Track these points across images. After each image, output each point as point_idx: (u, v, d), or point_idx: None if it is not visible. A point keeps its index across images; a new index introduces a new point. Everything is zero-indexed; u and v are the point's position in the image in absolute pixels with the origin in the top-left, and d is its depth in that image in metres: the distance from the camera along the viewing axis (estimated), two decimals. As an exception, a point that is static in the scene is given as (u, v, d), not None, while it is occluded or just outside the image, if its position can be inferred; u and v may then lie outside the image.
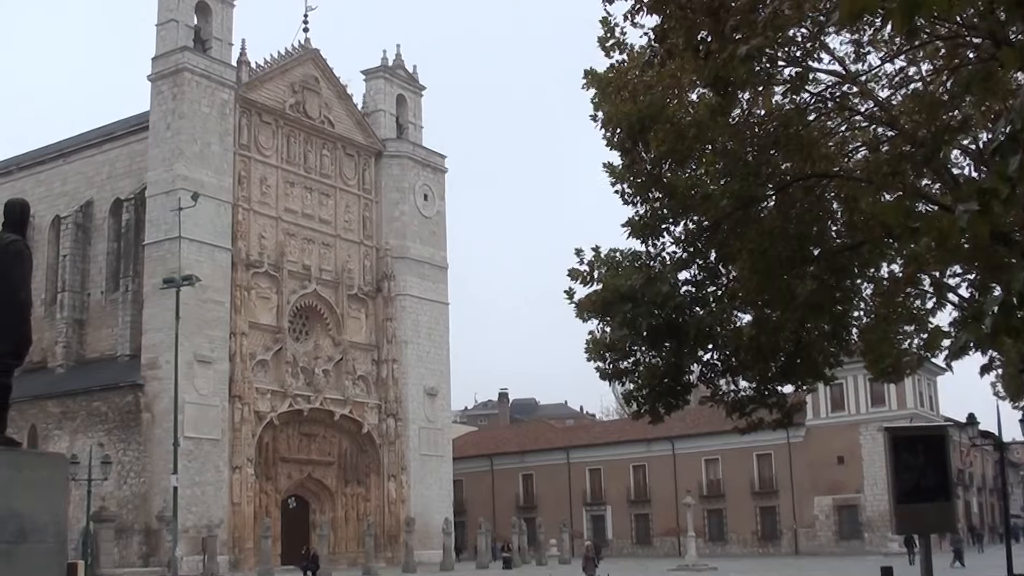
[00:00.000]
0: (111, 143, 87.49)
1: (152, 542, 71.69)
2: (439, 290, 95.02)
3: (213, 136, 78.82)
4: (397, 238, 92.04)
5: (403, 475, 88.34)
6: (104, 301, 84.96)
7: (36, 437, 76.42)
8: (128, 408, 74.89)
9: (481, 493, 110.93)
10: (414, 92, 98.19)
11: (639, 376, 22.78)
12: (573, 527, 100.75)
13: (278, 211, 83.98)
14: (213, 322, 76.27)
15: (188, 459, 70.35)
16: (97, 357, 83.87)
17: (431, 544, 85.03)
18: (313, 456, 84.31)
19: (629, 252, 21.88)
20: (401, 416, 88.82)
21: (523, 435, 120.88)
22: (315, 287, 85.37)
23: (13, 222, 13.94)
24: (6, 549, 11.95)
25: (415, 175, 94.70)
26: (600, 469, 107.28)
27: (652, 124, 19.49)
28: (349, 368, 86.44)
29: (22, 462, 12.66)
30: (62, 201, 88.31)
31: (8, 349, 13.43)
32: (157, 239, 76.26)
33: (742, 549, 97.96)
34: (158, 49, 79.67)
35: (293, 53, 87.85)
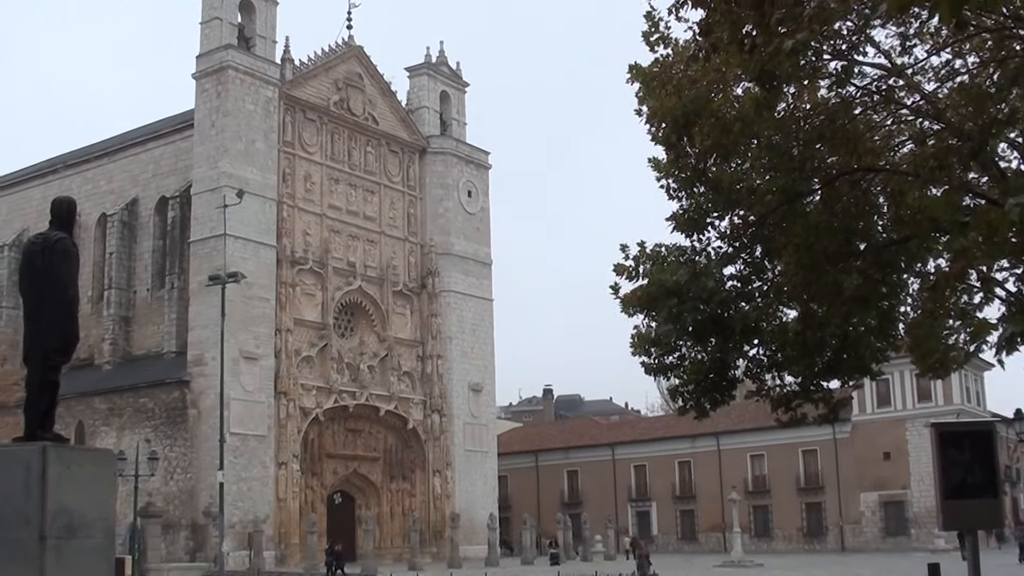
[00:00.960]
0: (156, 141, 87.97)
1: (199, 537, 72.02)
2: (483, 286, 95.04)
3: (258, 133, 79.09)
4: (441, 234, 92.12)
5: (448, 471, 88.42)
6: (150, 298, 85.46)
7: (83, 433, 76.91)
8: (174, 404, 75.25)
9: (526, 489, 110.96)
10: (457, 89, 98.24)
11: (684, 371, 22.73)
12: (618, 523, 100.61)
13: (323, 208, 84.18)
14: (258, 319, 76.57)
15: (234, 455, 70.68)
16: (143, 354, 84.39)
17: (476, 540, 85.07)
18: (358, 452, 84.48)
19: (674, 247, 21.82)
20: (446, 412, 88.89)
21: (568, 431, 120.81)
22: (360, 283, 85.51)
23: (60, 220, 14.04)
24: (56, 544, 12.05)
25: (459, 171, 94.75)
26: (645, 465, 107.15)
27: (697, 118, 19.44)
28: (394, 364, 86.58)
29: (71, 458, 12.74)
30: (108, 199, 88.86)
31: (56, 346, 13.54)
32: (202, 236, 76.59)
33: (788, 545, 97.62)
34: (202, 47, 79.98)
35: (337, 50, 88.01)
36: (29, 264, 13.82)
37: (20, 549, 12.08)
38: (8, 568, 12.11)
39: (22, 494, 12.22)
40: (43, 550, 12.01)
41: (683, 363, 22.66)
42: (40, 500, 12.11)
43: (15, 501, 12.23)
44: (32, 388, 13.71)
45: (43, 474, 12.19)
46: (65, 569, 12.18)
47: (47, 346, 13.55)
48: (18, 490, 12.26)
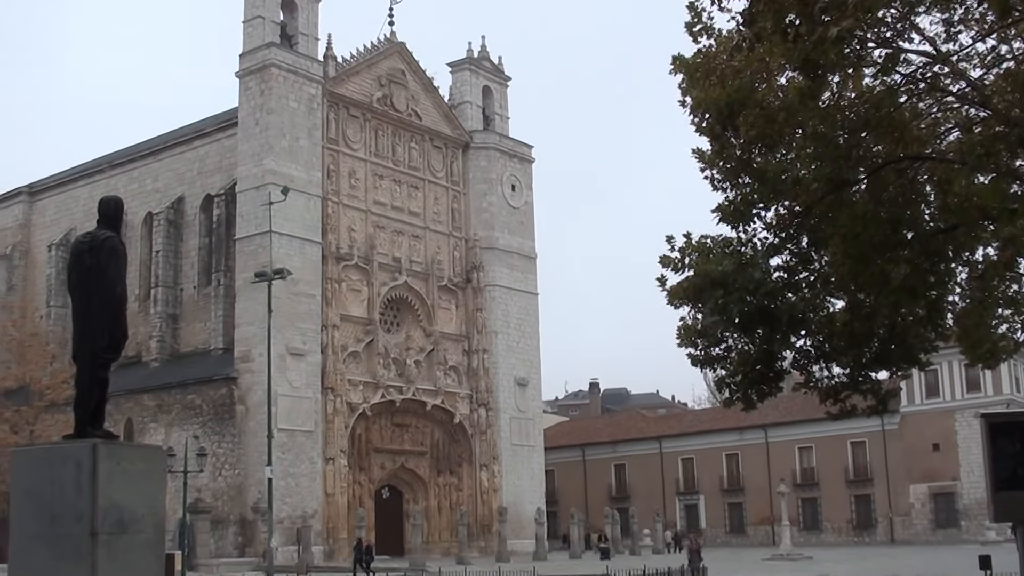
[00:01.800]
0: (201, 140, 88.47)
1: (247, 533, 72.38)
2: (528, 280, 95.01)
3: (301, 131, 79.36)
4: (485, 229, 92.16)
5: (495, 465, 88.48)
6: (196, 296, 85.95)
7: (132, 430, 77.40)
8: (222, 401, 75.64)
9: (573, 483, 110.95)
10: (500, 83, 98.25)
11: (731, 363, 22.67)
12: (666, 517, 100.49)
13: (367, 204, 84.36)
14: (305, 315, 76.84)
15: (282, 451, 71.01)
16: (191, 351, 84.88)
17: (524, 534, 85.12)
18: (406, 446, 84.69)
19: (720, 238, 21.76)
20: (492, 406, 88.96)
21: (615, 425, 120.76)
22: (405, 279, 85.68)
23: (108, 219, 14.13)
24: (107, 540, 12.13)
25: (502, 166, 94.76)
26: (693, 458, 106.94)
27: (741, 109, 19.37)
28: (440, 359, 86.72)
29: (121, 455, 12.82)
30: (154, 198, 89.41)
31: (105, 344, 13.62)
32: (248, 234, 76.92)
33: (837, 538, 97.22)
34: (245, 46, 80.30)
35: (379, 47, 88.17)
36: (77, 263, 13.91)
37: (72, 545, 12.17)
38: (60, 563, 12.21)
39: (73, 490, 12.31)
40: (94, 546, 12.09)
41: (730, 354, 22.61)
42: (91, 496, 12.19)
43: (67, 497, 12.33)
44: (82, 386, 13.79)
45: (94, 471, 12.27)
46: (116, 564, 12.26)
47: (96, 344, 13.63)
48: (69, 487, 12.35)
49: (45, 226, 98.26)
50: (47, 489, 12.60)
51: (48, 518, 12.49)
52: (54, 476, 12.60)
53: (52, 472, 12.65)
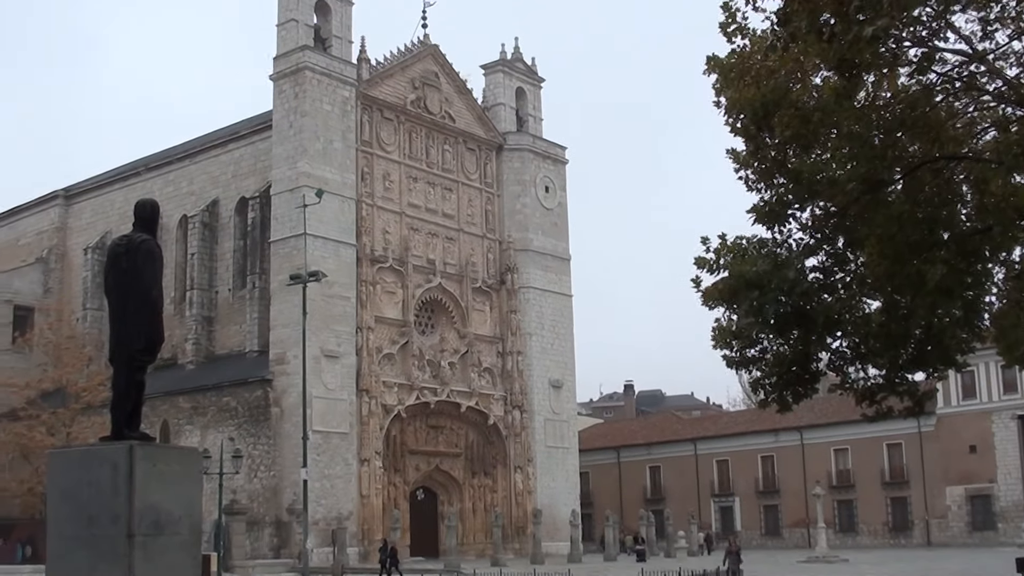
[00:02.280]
0: (235, 143, 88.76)
1: (283, 534, 72.57)
2: (562, 282, 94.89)
3: (335, 133, 79.53)
4: (519, 231, 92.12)
5: (529, 467, 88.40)
6: (232, 298, 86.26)
7: (168, 432, 77.69)
8: (257, 403, 75.86)
9: (608, 485, 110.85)
10: (533, 84, 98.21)
11: (766, 364, 22.64)
12: (701, 519, 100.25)
13: (401, 206, 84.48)
14: (339, 317, 77.00)
15: (317, 452, 71.13)
16: (226, 353, 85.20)
17: (558, 536, 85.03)
18: (440, 448, 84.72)
19: (755, 239, 21.73)
20: (526, 408, 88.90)
21: (650, 427, 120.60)
22: (440, 281, 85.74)
23: (144, 221, 14.17)
24: (143, 541, 12.19)
25: (536, 167, 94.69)
26: (728, 460, 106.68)
27: (776, 109, 19.33)
28: (474, 360, 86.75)
29: (157, 457, 12.87)
30: (189, 200, 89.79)
31: (142, 346, 13.67)
32: (283, 236, 77.14)
33: (873, 540, 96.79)
34: (279, 49, 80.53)
35: (412, 49, 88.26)
36: (114, 266, 13.95)
37: (109, 546, 12.23)
38: (98, 564, 12.27)
39: (110, 492, 12.37)
40: (131, 547, 12.15)
41: (765, 356, 22.58)
42: (128, 498, 12.25)
43: (104, 499, 12.38)
44: (118, 388, 13.84)
45: (130, 472, 12.32)
46: (152, 565, 12.32)
47: (133, 346, 13.67)
48: (106, 488, 12.41)
49: (81, 229, 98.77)
50: (84, 491, 12.66)
51: (85, 519, 12.56)
52: (91, 478, 12.66)
53: (89, 474, 12.71)
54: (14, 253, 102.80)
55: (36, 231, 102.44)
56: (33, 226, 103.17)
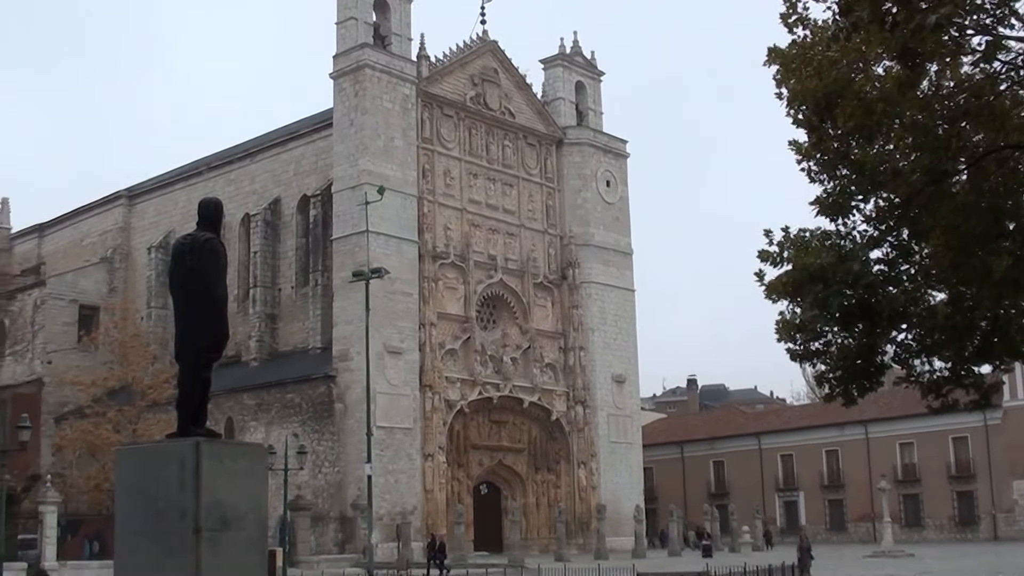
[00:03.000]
0: (296, 141, 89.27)
1: (347, 529, 72.90)
2: (624, 276, 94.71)
3: (396, 131, 79.79)
4: (581, 225, 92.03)
5: (593, 462, 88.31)
6: (295, 295, 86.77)
7: (232, 429, 78.22)
8: (321, 399, 76.24)
9: (671, 480, 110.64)
10: (593, 78, 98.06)
11: (831, 357, 22.51)
12: (766, 513, 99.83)
13: (462, 202, 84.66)
14: (402, 313, 77.26)
15: (381, 448, 71.37)
16: (289, 350, 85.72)
17: (622, 531, 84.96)
18: (503, 443, 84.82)
19: (819, 231, 21.61)
20: (589, 403, 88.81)
21: (713, 421, 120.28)
22: (501, 276, 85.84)
23: (208, 220, 14.25)
24: (210, 536, 12.28)
25: (596, 161, 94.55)
26: (792, 454, 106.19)
27: (838, 100, 19.18)
28: (537, 356, 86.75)
29: (223, 453, 12.97)
30: (251, 199, 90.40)
31: (207, 344, 13.76)
32: (345, 233, 77.51)
33: (939, 535, 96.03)
34: (339, 47, 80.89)
35: (471, 45, 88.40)
36: (178, 264, 14.03)
37: (177, 541, 12.33)
38: (166, 559, 12.38)
39: (177, 488, 12.47)
40: (198, 542, 12.24)
41: (829, 349, 22.45)
42: (195, 494, 12.34)
43: (171, 495, 12.49)
44: (184, 385, 13.94)
45: (197, 469, 12.41)
46: (219, 560, 12.41)
47: (198, 344, 13.76)
48: (173, 484, 12.51)
49: (144, 229, 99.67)
50: (152, 486, 12.77)
51: (153, 515, 12.67)
52: (158, 474, 12.77)
53: (156, 470, 12.82)
54: (79, 253, 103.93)
55: (100, 231, 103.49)
56: (97, 226, 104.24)
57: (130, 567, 12.94)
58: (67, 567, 52.98)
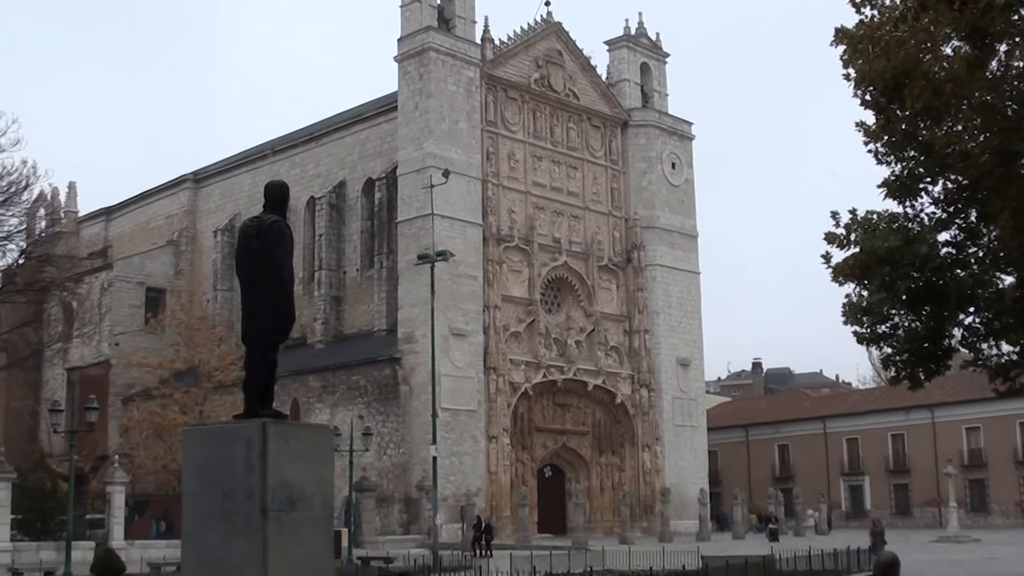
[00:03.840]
0: (361, 124, 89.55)
1: (412, 511, 73.23)
2: (689, 259, 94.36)
3: (460, 114, 79.87)
4: (646, 208, 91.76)
5: (657, 445, 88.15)
6: (360, 278, 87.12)
7: (298, 411, 78.68)
8: (386, 381, 76.55)
9: (736, 464, 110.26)
10: (658, 60, 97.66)
11: (898, 340, 22.37)
12: (831, 497, 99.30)
13: (527, 185, 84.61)
14: (467, 296, 77.40)
15: (445, 430, 71.54)
16: (354, 332, 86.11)
17: (686, 515, 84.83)
18: (567, 426, 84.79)
19: (886, 214, 21.45)
20: (654, 386, 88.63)
21: (778, 405, 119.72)
22: (565, 259, 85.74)
23: (274, 203, 14.30)
24: (277, 517, 12.36)
25: (662, 144, 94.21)
26: (857, 438, 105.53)
27: (906, 80, 19.01)
28: (601, 339, 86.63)
29: (290, 434, 13.03)
30: (316, 182, 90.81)
31: (274, 326, 13.82)
32: (410, 216, 77.72)
33: (1005, 520, 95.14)
34: (403, 30, 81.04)
35: (535, 28, 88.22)
36: (245, 247, 14.08)
37: (244, 521, 12.41)
38: (232, 539, 12.47)
39: (244, 469, 12.54)
40: (265, 522, 12.32)
41: (896, 332, 22.31)
42: (261, 474, 12.41)
43: (238, 476, 12.57)
44: (251, 367, 13.99)
45: (264, 449, 12.48)
46: (286, 541, 12.48)
47: (265, 326, 13.81)
48: (241, 465, 12.59)
49: (210, 212, 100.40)
50: (219, 467, 12.85)
51: (220, 495, 12.75)
52: (225, 455, 12.84)
53: (223, 451, 12.90)
54: (145, 236, 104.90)
55: (166, 214, 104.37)
56: (163, 209, 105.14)
57: (198, 546, 13.04)
58: (134, 546, 53.41)
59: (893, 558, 12.93)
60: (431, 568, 44.09)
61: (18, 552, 51.56)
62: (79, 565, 43.39)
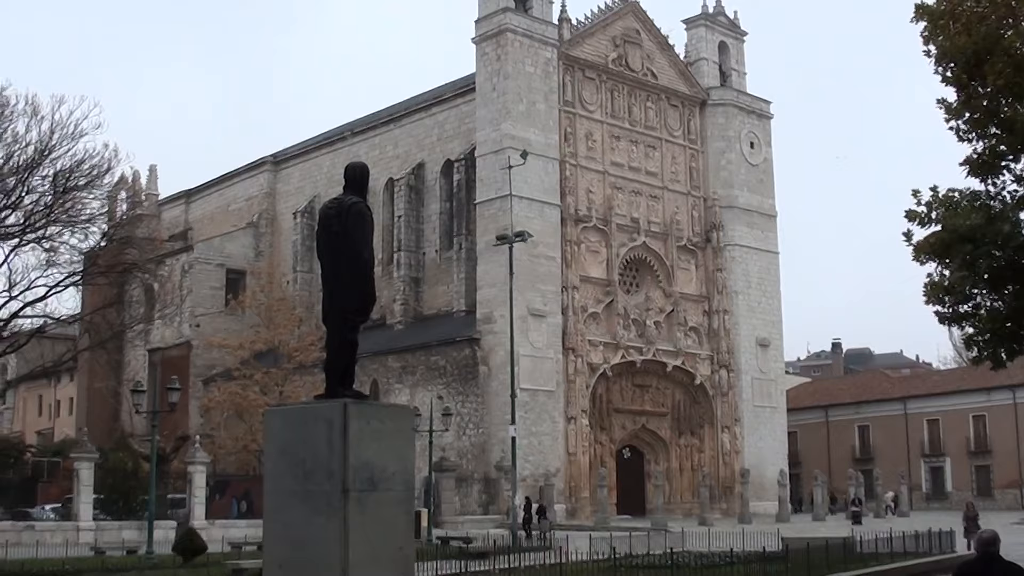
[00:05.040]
0: (439, 106, 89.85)
1: (491, 491, 73.48)
2: (768, 239, 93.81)
3: (538, 95, 79.84)
4: (724, 187, 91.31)
5: (736, 426, 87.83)
6: (439, 259, 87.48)
7: (378, 391, 79.16)
8: (465, 362, 76.82)
9: (816, 445, 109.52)
10: (736, 38, 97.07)
11: (980, 320, 22.12)
12: (911, 479, 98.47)
13: (604, 165, 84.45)
14: (545, 276, 77.44)
15: (524, 410, 71.63)
16: (433, 313, 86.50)
17: (766, 496, 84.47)
18: (646, 407, 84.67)
19: (968, 191, 21.20)
20: (733, 367, 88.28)
21: (858, 385, 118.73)
22: (644, 239, 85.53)
23: (354, 184, 14.35)
24: (358, 497, 12.44)
25: (740, 123, 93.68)
26: (938, 419, 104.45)
27: (988, 56, 18.79)
28: (680, 319, 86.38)
29: (370, 414, 13.09)
30: (395, 164, 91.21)
31: (355, 306, 13.89)
32: (488, 198, 77.87)
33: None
34: (480, 11, 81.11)
35: (613, 7, 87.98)
36: (325, 228, 14.15)
37: (325, 501, 12.51)
38: (314, 518, 12.57)
39: (326, 449, 12.63)
40: (346, 502, 12.39)
41: (978, 311, 22.07)
42: (342, 454, 12.49)
43: (319, 456, 12.66)
44: (332, 347, 14.07)
45: (344, 429, 12.55)
46: (367, 520, 12.56)
47: (345, 307, 13.88)
48: (322, 445, 12.68)
49: (290, 194, 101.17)
50: (300, 447, 12.95)
51: (301, 475, 12.85)
52: (307, 434, 12.94)
53: (305, 430, 12.99)
54: (225, 218, 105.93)
55: (246, 197, 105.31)
56: (243, 192, 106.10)
57: (279, 526, 13.16)
58: (215, 525, 54.08)
59: (994, 535, 13.33)
60: (510, 548, 44.16)
61: (101, 531, 52.43)
62: (161, 544, 43.95)
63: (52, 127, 51.61)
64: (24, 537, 48.43)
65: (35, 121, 51.81)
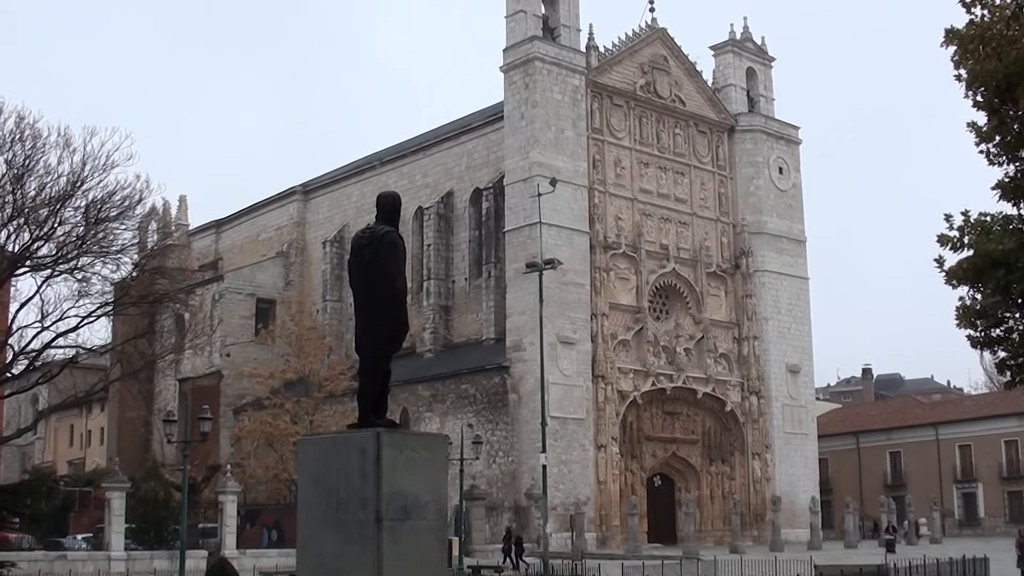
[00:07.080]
0: (468, 135, 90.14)
1: (521, 519, 73.26)
2: (798, 264, 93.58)
3: (566, 122, 79.96)
4: (753, 213, 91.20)
5: (767, 453, 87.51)
6: (468, 287, 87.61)
7: (408, 420, 79.15)
8: (495, 390, 76.82)
9: (847, 471, 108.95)
10: (763, 64, 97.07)
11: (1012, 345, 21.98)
12: (944, 505, 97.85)
13: (633, 192, 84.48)
14: (574, 304, 77.44)
15: (554, 438, 71.50)
16: (463, 341, 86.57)
17: (797, 523, 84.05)
18: (677, 434, 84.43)
19: (1000, 216, 21.12)
20: (764, 394, 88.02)
21: (889, 411, 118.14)
22: (673, 266, 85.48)
23: (386, 213, 14.42)
24: (391, 526, 12.46)
25: (768, 148, 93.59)
26: (970, 445, 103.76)
27: (1019, 80, 18.74)
28: (710, 346, 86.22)
29: (404, 443, 13.12)
30: (424, 192, 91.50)
31: (387, 336, 13.92)
32: (517, 225, 77.97)
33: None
34: (508, 40, 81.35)
35: (640, 34, 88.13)
36: (357, 257, 14.19)
37: (359, 530, 12.53)
38: (348, 547, 12.59)
39: (359, 478, 12.66)
40: (379, 531, 12.42)
41: (1011, 336, 21.94)
42: (376, 483, 12.51)
43: (353, 484, 12.69)
44: (365, 376, 14.12)
45: (378, 459, 12.58)
46: (401, 549, 12.57)
47: (378, 336, 13.92)
48: (355, 474, 12.71)
49: (319, 223, 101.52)
50: (333, 476, 12.98)
51: (335, 504, 12.87)
52: (340, 464, 12.97)
53: (338, 460, 13.02)
54: (255, 248, 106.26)
55: (276, 226, 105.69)
56: (273, 221, 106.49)
57: (312, 555, 13.18)
58: (247, 555, 54.11)
59: None
60: (541, 576, 44.07)
61: (132, 561, 52.51)
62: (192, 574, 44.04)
63: (84, 158, 51.75)
64: (56, 567, 48.62)
65: (67, 153, 51.92)
